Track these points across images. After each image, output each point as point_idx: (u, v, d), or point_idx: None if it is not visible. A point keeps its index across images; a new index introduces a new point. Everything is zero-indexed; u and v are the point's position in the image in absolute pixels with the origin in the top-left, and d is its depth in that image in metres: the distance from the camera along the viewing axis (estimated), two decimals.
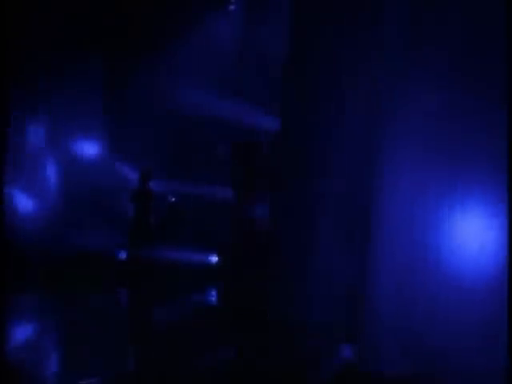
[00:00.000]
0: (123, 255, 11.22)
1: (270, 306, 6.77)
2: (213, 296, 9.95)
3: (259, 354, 5.70)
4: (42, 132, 11.31)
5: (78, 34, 11.05)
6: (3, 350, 4.98)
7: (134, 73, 11.27)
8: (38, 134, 11.27)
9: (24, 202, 11.22)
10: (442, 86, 5.58)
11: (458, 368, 4.90)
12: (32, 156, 11.26)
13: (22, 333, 6.44)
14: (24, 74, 10.67)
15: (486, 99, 5.36)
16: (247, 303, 7.74)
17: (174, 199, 12.02)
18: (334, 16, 6.88)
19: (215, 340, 6.22)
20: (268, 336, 6.26)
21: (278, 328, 6.41)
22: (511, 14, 5.10)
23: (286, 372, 4.99)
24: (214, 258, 11.32)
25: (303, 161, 7.18)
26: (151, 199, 10.90)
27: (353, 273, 5.87)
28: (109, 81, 11.51)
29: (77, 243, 10.91)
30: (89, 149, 11.77)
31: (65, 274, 10.01)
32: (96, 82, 11.47)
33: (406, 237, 5.54)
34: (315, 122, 7.02)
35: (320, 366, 5.08)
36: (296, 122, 7.27)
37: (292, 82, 7.37)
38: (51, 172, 11.53)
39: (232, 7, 11.70)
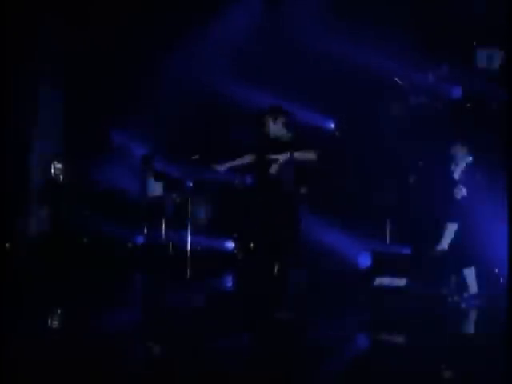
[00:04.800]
0: (140, 241, 11.26)
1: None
2: (228, 282, 9.95)
3: (272, 340, 5.67)
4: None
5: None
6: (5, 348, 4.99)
7: (152, 58, 11.25)
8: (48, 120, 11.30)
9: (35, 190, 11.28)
10: None
11: None
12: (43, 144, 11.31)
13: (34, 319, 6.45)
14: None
15: None
16: (262, 290, 7.70)
17: (190, 184, 11.98)
18: None
19: (229, 326, 6.19)
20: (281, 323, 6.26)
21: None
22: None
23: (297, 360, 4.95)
24: (231, 245, 11.31)
25: None
26: (164, 184, 10.93)
27: None
28: (125, 66, 11.49)
29: (93, 229, 10.97)
30: (103, 134, 11.79)
31: (80, 260, 10.08)
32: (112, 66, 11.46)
33: None
34: None
35: None
36: None
37: None
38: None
39: None
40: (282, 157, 6.62)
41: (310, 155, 6.76)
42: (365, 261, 9.88)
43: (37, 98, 11.20)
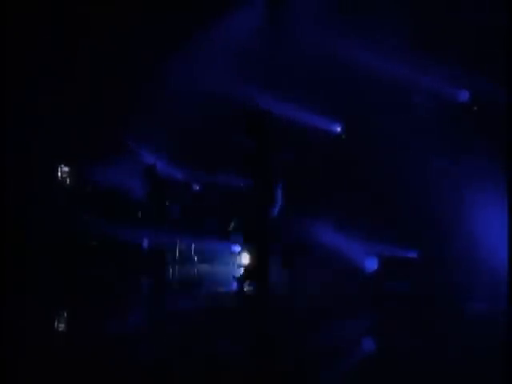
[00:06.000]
0: (145, 244, 11.29)
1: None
2: (235, 285, 9.93)
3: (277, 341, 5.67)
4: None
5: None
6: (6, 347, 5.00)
7: (156, 61, 11.27)
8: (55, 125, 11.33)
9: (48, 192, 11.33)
10: None
11: None
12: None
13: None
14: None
15: None
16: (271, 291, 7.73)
17: (197, 188, 12.00)
18: None
19: (235, 327, 6.19)
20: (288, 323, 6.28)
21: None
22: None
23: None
24: (237, 248, 11.29)
25: None
26: (168, 188, 10.96)
27: None
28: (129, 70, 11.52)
29: (99, 231, 11.00)
30: (110, 138, 11.82)
31: (87, 262, 10.12)
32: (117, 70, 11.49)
33: None
34: None
35: None
36: None
37: None
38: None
39: None
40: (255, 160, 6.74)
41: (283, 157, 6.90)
42: (371, 264, 9.86)
43: (39, 100, 11.24)
